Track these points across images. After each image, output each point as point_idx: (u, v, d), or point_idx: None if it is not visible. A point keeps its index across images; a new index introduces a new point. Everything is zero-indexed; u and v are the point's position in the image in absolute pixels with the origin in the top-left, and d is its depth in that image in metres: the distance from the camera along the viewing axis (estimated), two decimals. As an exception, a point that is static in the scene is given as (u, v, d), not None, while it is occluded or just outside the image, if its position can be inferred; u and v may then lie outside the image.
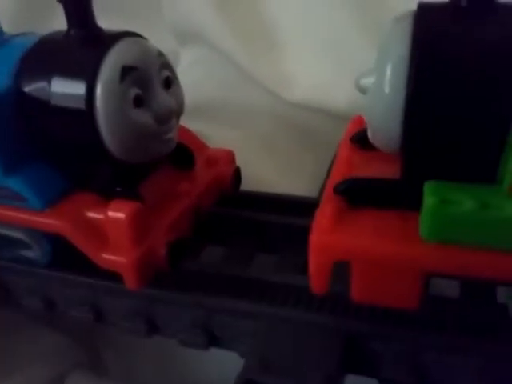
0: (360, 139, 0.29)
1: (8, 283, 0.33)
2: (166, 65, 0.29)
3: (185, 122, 0.40)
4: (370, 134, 0.25)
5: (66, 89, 0.26)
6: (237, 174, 0.35)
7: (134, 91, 0.26)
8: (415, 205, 0.22)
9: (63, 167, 0.29)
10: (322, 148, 0.40)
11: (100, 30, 0.28)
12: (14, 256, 0.32)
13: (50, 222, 0.28)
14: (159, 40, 0.43)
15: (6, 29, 0.32)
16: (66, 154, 0.29)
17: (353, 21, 0.41)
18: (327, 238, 0.23)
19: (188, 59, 0.48)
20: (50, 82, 0.26)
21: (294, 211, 0.35)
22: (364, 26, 0.40)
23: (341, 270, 0.25)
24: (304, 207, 0.33)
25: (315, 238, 0.23)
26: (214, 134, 0.44)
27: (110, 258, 0.27)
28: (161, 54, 0.29)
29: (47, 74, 0.27)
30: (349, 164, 0.28)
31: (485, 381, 0.25)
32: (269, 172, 0.42)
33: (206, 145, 0.35)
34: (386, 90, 0.22)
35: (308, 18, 0.42)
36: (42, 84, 0.27)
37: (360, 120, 0.31)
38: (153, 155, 0.29)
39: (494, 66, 0.20)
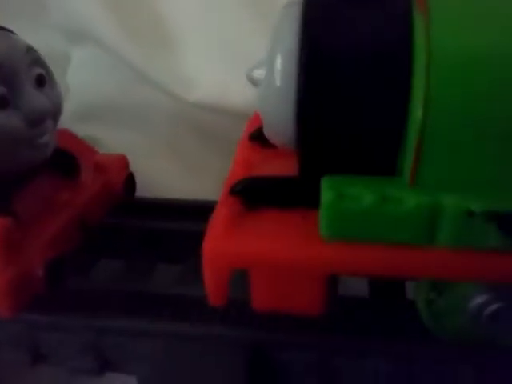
0: (258, 136, 0.27)
1: None
2: (38, 61, 0.26)
3: (76, 125, 0.37)
4: (264, 130, 0.23)
5: None
6: (130, 180, 0.32)
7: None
8: (315, 203, 0.20)
9: None
10: (223, 148, 0.38)
11: None
12: None
13: None
14: (47, 40, 0.40)
15: None
16: None
17: (247, 19, 0.40)
18: (221, 244, 0.20)
19: (79, 59, 0.44)
20: None
21: (196, 216, 0.32)
22: (258, 23, 0.39)
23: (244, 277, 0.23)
24: (206, 211, 0.31)
25: (208, 246, 0.20)
26: (109, 139, 0.42)
27: None
28: (30, 49, 0.26)
29: None
30: (247, 163, 0.26)
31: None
32: (170, 176, 0.40)
33: (93, 150, 0.33)
34: (277, 82, 0.20)
35: (203, 16, 0.41)
36: None
37: (259, 117, 0.30)
38: (26, 163, 0.26)
39: (385, 57, 0.19)
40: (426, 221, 0.19)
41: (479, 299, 0.21)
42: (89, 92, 0.42)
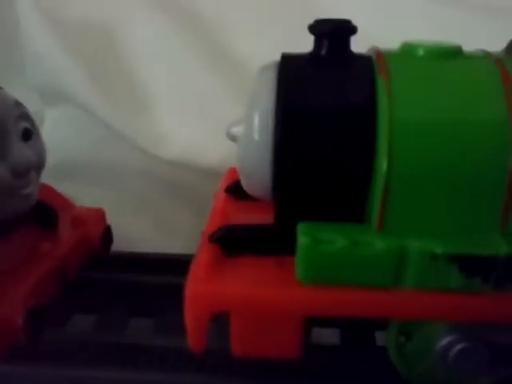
0: (234, 189, 0.29)
1: None
2: (25, 116, 0.27)
3: (52, 182, 0.37)
4: (242, 182, 0.24)
5: None
6: (107, 233, 0.33)
7: None
8: (290, 249, 0.22)
9: None
10: (196, 205, 0.39)
11: None
12: None
13: None
14: (22, 99, 0.42)
15: None
16: None
17: (221, 81, 0.42)
18: (202, 287, 0.21)
19: (53, 118, 0.46)
20: None
21: (171, 270, 0.33)
22: (233, 85, 0.41)
23: (219, 327, 0.24)
24: (181, 265, 0.31)
25: (190, 289, 0.21)
26: (84, 195, 0.42)
27: None
28: (18, 105, 0.27)
29: None
30: (224, 214, 0.27)
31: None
32: (144, 232, 0.41)
33: (71, 203, 0.33)
34: (255, 138, 0.22)
35: (177, 77, 0.42)
36: None
37: (234, 171, 0.31)
38: (9, 212, 0.27)
39: (352, 115, 0.21)
40: (393, 263, 0.20)
41: (445, 340, 0.22)
42: (63, 150, 0.43)
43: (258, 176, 0.22)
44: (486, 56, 0.22)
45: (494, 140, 0.20)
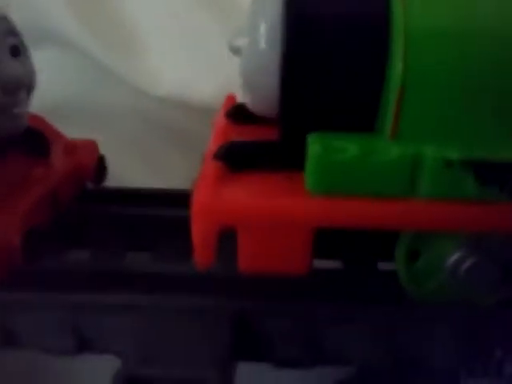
0: (235, 113, 0.28)
1: None
2: (13, 31, 0.26)
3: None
4: (246, 98, 0.24)
5: None
6: (101, 163, 0.32)
7: None
8: (297, 164, 0.21)
9: None
10: (189, 144, 0.40)
11: None
12: None
13: None
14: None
15: None
16: None
17: (211, 16, 0.41)
18: (210, 201, 0.21)
19: (41, 60, 0.44)
20: None
21: (166, 204, 0.32)
22: (219, 24, 0.41)
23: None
24: (177, 199, 0.31)
25: (197, 204, 0.21)
26: (74, 138, 0.41)
27: None
28: (6, 19, 0.26)
29: None
30: (226, 137, 0.26)
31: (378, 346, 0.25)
32: (136, 173, 0.40)
33: (63, 135, 0.32)
34: (262, 48, 0.21)
35: (167, 17, 0.42)
36: None
37: (233, 98, 0.30)
38: (2, 132, 0.26)
39: (365, 21, 0.20)
40: (407, 171, 0.20)
41: (456, 256, 0.22)
42: (52, 92, 0.41)
43: (264, 89, 0.22)
44: None
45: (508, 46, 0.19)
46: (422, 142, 0.20)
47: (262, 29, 0.21)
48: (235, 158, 0.23)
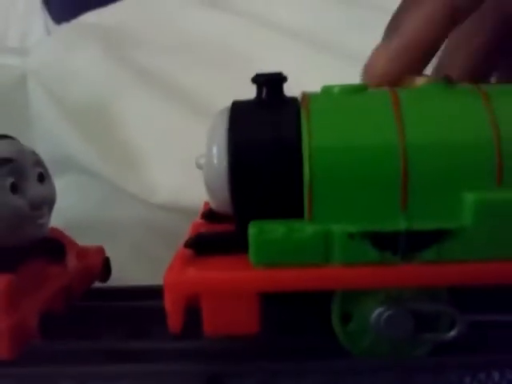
0: (207, 215, 0.36)
1: None
2: (40, 163, 0.35)
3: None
4: (209, 201, 0.31)
5: None
6: (106, 263, 0.39)
7: (11, 179, 0.31)
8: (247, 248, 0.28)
9: None
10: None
11: None
12: None
13: None
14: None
15: None
16: None
17: (202, 136, 0.49)
18: (178, 275, 0.27)
19: (61, 187, 0.54)
20: None
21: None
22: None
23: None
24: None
25: (168, 277, 0.27)
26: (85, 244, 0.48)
27: None
28: (34, 153, 0.34)
29: None
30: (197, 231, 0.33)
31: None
32: (139, 276, 0.45)
33: (75, 242, 0.40)
34: (215, 164, 0.29)
35: (164, 137, 0.52)
36: None
37: (208, 203, 0.37)
38: (27, 238, 0.33)
39: (283, 143, 0.28)
40: (322, 244, 0.27)
41: (377, 311, 0.28)
42: (70, 213, 0.49)
43: (220, 193, 0.29)
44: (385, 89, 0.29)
45: (384, 155, 0.27)
46: (331, 221, 0.27)
47: (214, 150, 0.29)
48: (200, 245, 0.30)
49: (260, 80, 0.30)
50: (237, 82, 0.50)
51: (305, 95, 0.30)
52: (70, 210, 0.49)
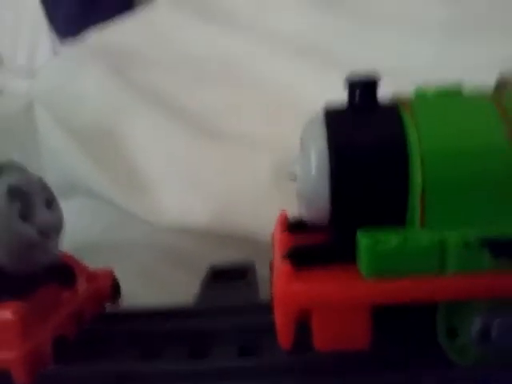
0: (291, 226, 0.32)
1: None
2: (46, 188, 0.34)
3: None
4: (303, 212, 0.28)
5: None
6: (115, 285, 0.37)
7: (19, 207, 0.31)
8: (348, 258, 0.26)
9: None
10: (190, 263, 0.45)
11: None
12: None
13: None
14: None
15: None
16: None
17: (208, 157, 0.49)
18: (289, 289, 0.25)
19: (68, 210, 0.51)
20: None
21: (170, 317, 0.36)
22: (218, 160, 0.49)
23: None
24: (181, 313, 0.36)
25: (279, 290, 0.25)
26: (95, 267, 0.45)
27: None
28: (41, 179, 0.33)
29: None
30: (285, 244, 0.30)
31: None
32: (148, 297, 0.43)
33: (86, 266, 0.37)
34: (313, 173, 0.27)
35: (171, 159, 0.51)
36: None
37: (284, 214, 0.34)
38: (37, 263, 0.32)
39: (388, 147, 0.27)
40: (437, 253, 0.25)
41: (483, 321, 0.26)
42: (77, 234, 0.46)
43: (317, 203, 0.27)
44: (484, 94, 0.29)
45: (497, 157, 0.26)
46: (444, 228, 0.25)
47: (313, 159, 0.27)
48: (300, 257, 0.27)
49: (354, 83, 0.28)
50: (240, 98, 0.53)
51: (401, 98, 0.29)
52: (79, 233, 0.46)
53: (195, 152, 0.50)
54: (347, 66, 0.49)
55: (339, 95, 0.29)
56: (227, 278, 0.41)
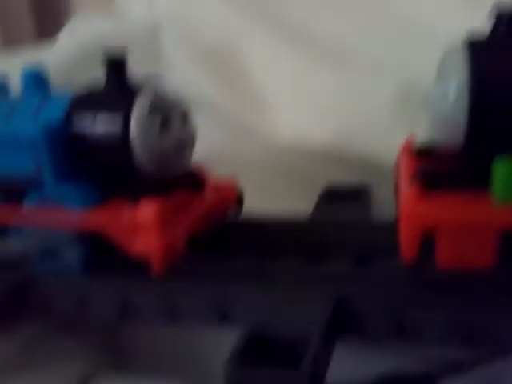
0: (419, 151, 0.32)
1: (44, 292, 0.35)
2: (183, 104, 0.36)
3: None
4: (436, 134, 0.29)
5: (107, 122, 0.33)
6: (240, 196, 0.39)
7: (159, 120, 0.33)
8: (480, 183, 0.26)
9: (102, 182, 0.34)
10: (307, 181, 0.46)
11: (130, 79, 0.34)
12: (52, 267, 0.35)
13: (88, 219, 0.33)
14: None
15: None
16: (105, 172, 0.34)
17: (325, 78, 0.49)
18: (417, 208, 0.26)
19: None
20: (94, 118, 0.33)
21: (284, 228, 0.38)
22: (336, 80, 0.49)
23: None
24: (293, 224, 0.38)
25: (407, 210, 0.26)
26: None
27: (140, 247, 0.32)
28: (179, 96, 0.35)
29: (92, 111, 0.33)
30: (413, 166, 0.30)
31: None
32: (262, 210, 0.44)
33: (213, 175, 0.39)
34: (452, 97, 0.26)
35: (289, 80, 0.52)
36: (88, 119, 0.33)
37: (410, 140, 0.34)
38: (174, 171, 0.35)
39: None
40: None
41: None
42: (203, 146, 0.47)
43: (453, 127, 0.27)
44: None
45: None
46: None
47: (452, 85, 0.26)
48: (429, 179, 0.27)
49: (501, 14, 0.27)
50: (365, 22, 0.51)
51: None
52: (199, 146, 0.48)
53: (317, 74, 0.50)
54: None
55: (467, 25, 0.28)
56: (342, 197, 0.42)
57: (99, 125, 0.33)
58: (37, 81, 0.37)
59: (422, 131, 0.32)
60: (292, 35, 0.54)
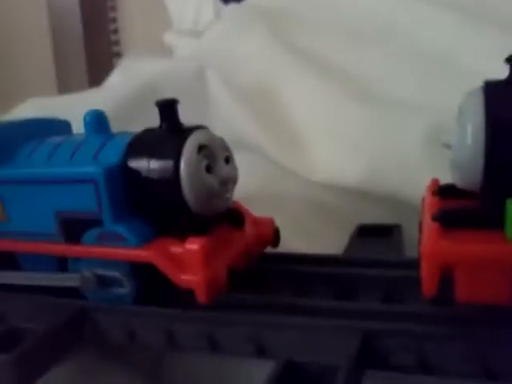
0: (441, 192, 0.35)
1: (96, 320, 0.38)
2: (226, 148, 0.39)
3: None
4: (456, 179, 0.31)
5: (160, 164, 0.36)
6: (277, 232, 0.42)
7: (206, 162, 0.36)
8: (496, 223, 0.28)
9: (154, 219, 0.37)
10: (342, 219, 0.48)
11: (181, 124, 0.38)
12: (105, 296, 0.38)
13: (143, 254, 0.36)
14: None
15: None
16: (157, 209, 0.37)
17: (359, 116, 0.52)
18: (437, 246, 0.28)
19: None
20: (149, 160, 0.37)
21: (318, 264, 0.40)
22: (369, 119, 0.51)
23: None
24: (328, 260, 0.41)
25: (426, 247, 0.28)
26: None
27: (186, 278, 0.34)
28: (223, 140, 0.39)
29: (147, 154, 0.37)
30: (436, 207, 0.32)
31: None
32: (298, 245, 0.47)
33: (252, 213, 0.42)
34: (469, 143, 0.29)
35: (324, 118, 0.54)
36: (143, 161, 0.37)
37: (436, 181, 0.37)
38: (217, 209, 0.38)
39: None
40: None
41: None
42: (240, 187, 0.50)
43: (471, 171, 0.29)
44: None
45: None
46: None
47: (469, 131, 0.29)
48: (448, 219, 0.30)
49: None
50: (396, 62, 0.55)
51: None
52: (241, 184, 0.50)
53: (349, 113, 0.52)
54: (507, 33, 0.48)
55: (496, 63, 0.30)
56: (375, 235, 0.44)
57: (153, 167, 0.36)
58: (98, 124, 0.41)
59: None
60: (328, 75, 0.56)
